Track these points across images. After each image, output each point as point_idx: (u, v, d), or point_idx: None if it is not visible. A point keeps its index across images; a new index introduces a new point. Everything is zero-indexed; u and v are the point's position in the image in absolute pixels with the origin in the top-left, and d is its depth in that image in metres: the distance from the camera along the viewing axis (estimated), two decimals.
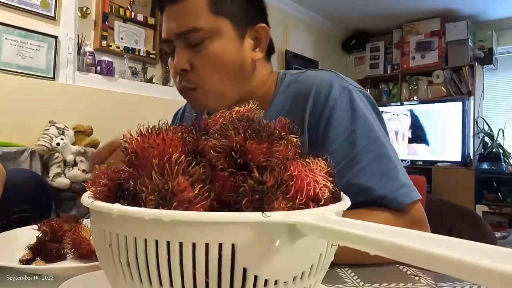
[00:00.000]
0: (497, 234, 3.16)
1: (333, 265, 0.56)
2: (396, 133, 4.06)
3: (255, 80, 0.75)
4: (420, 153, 3.93)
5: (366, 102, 0.70)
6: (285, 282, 0.28)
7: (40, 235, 0.59)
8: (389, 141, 0.68)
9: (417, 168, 3.82)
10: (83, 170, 2.10)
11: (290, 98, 0.73)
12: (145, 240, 0.27)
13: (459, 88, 3.92)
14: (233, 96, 0.73)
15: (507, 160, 3.74)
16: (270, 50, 0.77)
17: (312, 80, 0.72)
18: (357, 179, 0.62)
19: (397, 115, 4.13)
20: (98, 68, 2.44)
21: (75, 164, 2.11)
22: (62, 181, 2.01)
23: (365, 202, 0.61)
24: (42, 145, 1.99)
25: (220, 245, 0.26)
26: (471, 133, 3.83)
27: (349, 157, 0.64)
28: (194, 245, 0.26)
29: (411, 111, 4.08)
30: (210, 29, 0.68)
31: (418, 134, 3.98)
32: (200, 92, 0.71)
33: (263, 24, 0.74)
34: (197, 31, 0.68)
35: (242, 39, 0.72)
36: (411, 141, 4.02)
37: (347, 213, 0.31)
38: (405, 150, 3.98)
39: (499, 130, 3.82)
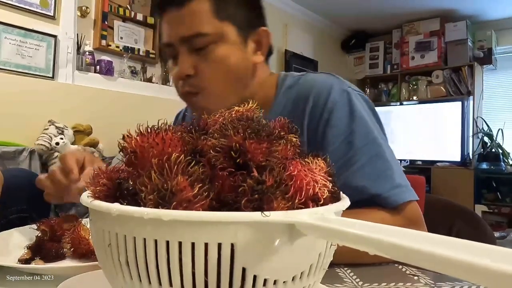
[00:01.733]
0: (496, 234, 3.16)
1: (332, 264, 0.56)
2: (395, 133, 4.06)
3: (255, 82, 0.76)
4: (419, 153, 3.93)
5: (364, 104, 0.71)
6: (284, 282, 0.28)
7: (39, 234, 0.59)
8: (387, 143, 0.69)
9: (416, 168, 3.82)
10: None
11: (291, 100, 0.74)
12: (144, 239, 0.27)
13: (459, 88, 3.92)
14: (235, 99, 0.73)
15: (506, 160, 3.74)
16: (269, 53, 0.78)
17: (312, 82, 0.73)
18: (353, 179, 0.63)
19: (397, 114, 4.13)
20: (98, 67, 2.43)
21: None
22: None
23: (362, 201, 0.61)
24: (41, 144, 1.99)
25: (220, 245, 0.26)
26: (471, 133, 3.84)
27: (346, 157, 0.65)
28: (193, 244, 0.26)
29: (411, 111, 4.08)
30: (215, 34, 0.69)
31: (417, 134, 3.99)
32: (202, 95, 0.71)
33: (265, 28, 0.75)
34: (202, 36, 0.68)
35: (245, 43, 0.73)
36: (410, 141, 4.03)
37: (346, 213, 0.31)
38: (404, 150, 3.99)
39: (498, 130, 3.82)
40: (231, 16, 0.70)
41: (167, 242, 0.26)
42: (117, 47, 2.55)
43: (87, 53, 2.38)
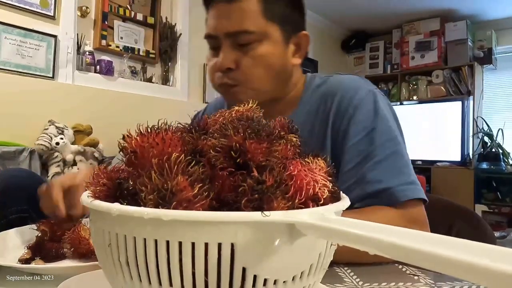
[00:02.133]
0: (496, 234, 3.16)
1: (332, 264, 0.56)
2: None
3: (291, 83, 0.79)
4: (420, 152, 3.93)
5: (387, 106, 0.75)
6: (284, 282, 0.28)
7: (39, 234, 0.59)
8: (405, 143, 0.72)
9: (416, 168, 3.81)
10: None
11: (319, 97, 0.77)
12: (145, 239, 0.27)
13: (459, 88, 3.92)
14: (270, 95, 0.76)
15: (506, 160, 3.74)
16: (305, 56, 0.81)
17: (340, 81, 0.77)
18: (371, 172, 0.66)
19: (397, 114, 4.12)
20: (98, 67, 2.43)
21: (74, 163, 2.11)
22: None
23: (371, 194, 0.64)
24: (41, 144, 1.99)
25: (220, 245, 0.26)
26: (471, 133, 3.84)
27: (366, 152, 0.68)
28: (193, 244, 0.26)
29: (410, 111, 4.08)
30: (260, 33, 0.71)
31: (417, 134, 3.98)
32: (241, 88, 0.72)
33: (306, 32, 0.78)
34: (248, 34, 0.70)
35: (287, 45, 0.75)
36: (410, 140, 4.02)
37: (348, 212, 0.31)
38: None
39: (498, 130, 3.82)
40: (277, 17, 0.73)
41: (167, 242, 0.26)
42: (117, 47, 2.55)
43: (87, 53, 2.38)
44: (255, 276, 0.27)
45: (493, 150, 3.78)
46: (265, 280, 0.27)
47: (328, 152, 0.73)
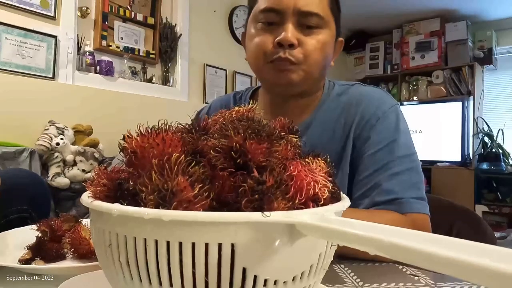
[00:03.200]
0: (497, 234, 3.16)
1: (332, 264, 0.56)
2: None
3: (321, 83, 0.81)
4: (420, 153, 3.92)
5: (406, 122, 0.77)
6: (284, 282, 0.28)
7: (40, 235, 0.59)
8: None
9: None
10: (83, 170, 2.10)
11: (341, 105, 0.78)
12: (145, 240, 0.27)
13: (459, 88, 3.92)
14: (310, 86, 0.77)
15: (506, 160, 3.74)
16: None
17: (365, 93, 0.79)
18: (386, 182, 0.68)
19: None
20: (98, 68, 2.43)
21: (74, 164, 2.11)
22: (62, 181, 2.01)
23: (383, 202, 0.66)
24: (41, 144, 1.99)
25: (220, 245, 0.26)
26: (471, 133, 3.83)
27: (385, 162, 0.70)
28: (193, 245, 0.26)
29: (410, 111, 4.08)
30: (326, 21, 0.73)
31: (417, 134, 3.98)
32: (296, 67, 0.72)
33: (343, 39, 0.82)
34: (318, 17, 0.71)
35: (334, 43, 0.78)
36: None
37: (355, 211, 0.31)
38: None
39: (498, 130, 3.82)
40: (335, 13, 0.76)
41: (168, 242, 0.26)
42: (117, 47, 2.56)
43: (87, 53, 2.38)
44: (255, 277, 0.27)
45: (493, 150, 3.78)
46: (265, 280, 0.27)
47: (348, 160, 0.74)
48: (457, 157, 3.74)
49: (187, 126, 0.34)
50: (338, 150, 0.75)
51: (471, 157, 3.79)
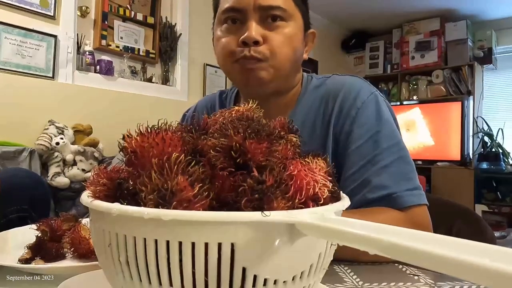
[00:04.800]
0: (496, 234, 3.16)
1: (332, 264, 0.56)
2: None
3: (295, 78, 0.79)
4: (420, 152, 3.93)
5: (388, 108, 0.74)
6: (284, 282, 0.28)
7: (40, 234, 0.59)
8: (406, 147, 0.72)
9: (416, 168, 3.80)
10: (83, 170, 2.10)
11: (319, 98, 0.76)
12: (144, 239, 0.27)
13: (459, 87, 3.92)
14: (282, 83, 0.75)
15: (506, 160, 3.74)
16: None
17: (342, 82, 0.76)
18: (376, 177, 0.65)
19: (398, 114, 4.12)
20: (98, 67, 2.43)
21: (74, 163, 2.11)
22: (62, 181, 2.01)
23: (376, 199, 0.64)
24: (41, 144, 1.99)
25: (220, 245, 0.26)
26: (471, 133, 3.84)
27: (371, 155, 0.67)
28: (193, 244, 0.26)
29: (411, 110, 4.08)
30: (290, 13, 0.71)
31: (417, 134, 3.98)
32: (264, 64, 0.70)
33: (314, 31, 0.80)
34: (281, 10, 0.70)
35: (303, 36, 0.76)
36: (410, 140, 4.03)
37: (353, 212, 0.31)
38: None
39: (498, 130, 3.82)
40: (300, 6, 0.74)
41: (167, 242, 0.26)
42: (117, 47, 2.55)
43: (87, 53, 2.38)
44: (255, 276, 0.27)
45: (493, 150, 3.78)
46: (265, 280, 0.27)
47: (330, 153, 0.72)
48: (457, 157, 3.74)
49: (186, 125, 0.34)
50: (320, 144, 0.73)
51: (471, 156, 3.79)
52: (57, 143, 2.03)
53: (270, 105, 0.77)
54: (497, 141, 3.80)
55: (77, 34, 2.36)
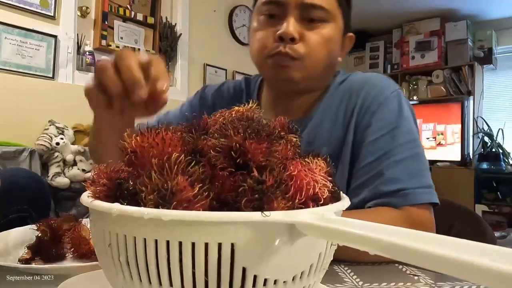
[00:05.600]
0: (497, 234, 3.16)
1: (332, 264, 0.56)
2: None
3: (327, 79, 0.78)
4: None
5: (410, 107, 0.74)
6: (284, 282, 0.28)
7: (40, 234, 0.59)
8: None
9: None
10: (83, 170, 2.10)
11: (341, 92, 0.76)
12: (145, 239, 0.27)
13: (459, 87, 3.92)
14: (314, 83, 0.75)
15: (506, 160, 3.74)
16: None
17: (366, 78, 0.76)
18: (390, 170, 0.65)
19: None
20: None
21: (74, 163, 2.11)
22: (62, 181, 2.01)
23: (388, 193, 0.63)
24: (41, 144, 1.99)
25: (220, 245, 0.26)
26: (471, 133, 3.84)
27: (387, 149, 0.67)
28: (193, 244, 0.26)
29: None
30: (331, 14, 0.70)
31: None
32: (297, 63, 0.69)
33: (353, 34, 0.79)
34: (322, 10, 0.69)
35: (341, 38, 0.75)
36: None
37: (353, 212, 0.31)
38: None
39: (498, 130, 3.82)
40: (343, 7, 0.73)
41: (167, 242, 0.26)
42: (117, 47, 2.55)
43: (87, 53, 2.38)
44: (255, 276, 0.27)
45: (493, 150, 3.78)
46: (265, 280, 0.27)
47: (349, 148, 0.71)
48: (457, 157, 3.74)
49: (187, 125, 0.34)
50: (340, 137, 0.73)
51: (471, 156, 3.79)
52: (57, 143, 2.03)
53: (296, 101, 0.78)
54: (497, 141, 3.80)
55: (77, 34, 2.36)
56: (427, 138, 3.97)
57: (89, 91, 0.56)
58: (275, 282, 0.28)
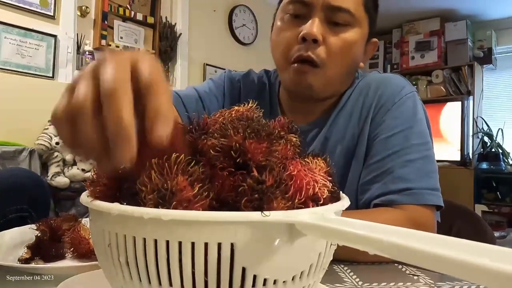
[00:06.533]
0: (496, 234, 3.16)
1: (332, 264, 0.56)
2: None
3: (347, 83, 0.77)
4: None
5: (424, 110, 0.75)
6: (284, 282, 0.28)
7: (39, 234, 0.59)
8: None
9: None
10: (83, 169, 2.10)
11: (359, 90, 0.76)
12: (144, 239, 0.27)
13: (459, 87, 3.92)
14: (337, 87, 0.75)
15: (506, 160, 3.74)
16: None
17: (383, 78, 0.76)
18: (400, 168, 0.65)
19: None
20: None
21: (74, 163, 2.11)
22: (61, 180, 2.01)
23: (395, 190, 0.64)
24: (41, 144, 1.99)
25: (219, 245, 0.26)
26: (471, 133, 3.83)
27: (399, 148, 0.67)
28: (193, 244, 0.26)
29: None
30: (357, 19, 0.69)
31: None
32: (319, 72, 0.69)
33: (377, 40, 0.79)
34: (348, 13, 0.68)
35: (365, 44, 0.75)
36: None
37: (355, 212, 0.31)
38: None
39: (498, 130, 3.82)
40: (369, 12, 0.73)
41: (167, 242, 0.26)
42: (117, 46, 2.55)
43: (87, 53, 2.38)
44: (255, 276, 0.27)
45: (493, 150, 3.78)
46: (265, 280, 0.27)
47: (364, 145, 0.71)
48: (457, 157, 3.74)
49: (187, 125, 0.34)
50: (355, 134, 0.73)
51: (471, 156, 3.79)
52: (57, 143, 2.03)
53: (310, 105, 0.77)
54: (497, 141, 3.80)
55: (77, 34, 2.36)
56: None
57: (56, 120, 0.30)
58: (274, 282, 0.28)
